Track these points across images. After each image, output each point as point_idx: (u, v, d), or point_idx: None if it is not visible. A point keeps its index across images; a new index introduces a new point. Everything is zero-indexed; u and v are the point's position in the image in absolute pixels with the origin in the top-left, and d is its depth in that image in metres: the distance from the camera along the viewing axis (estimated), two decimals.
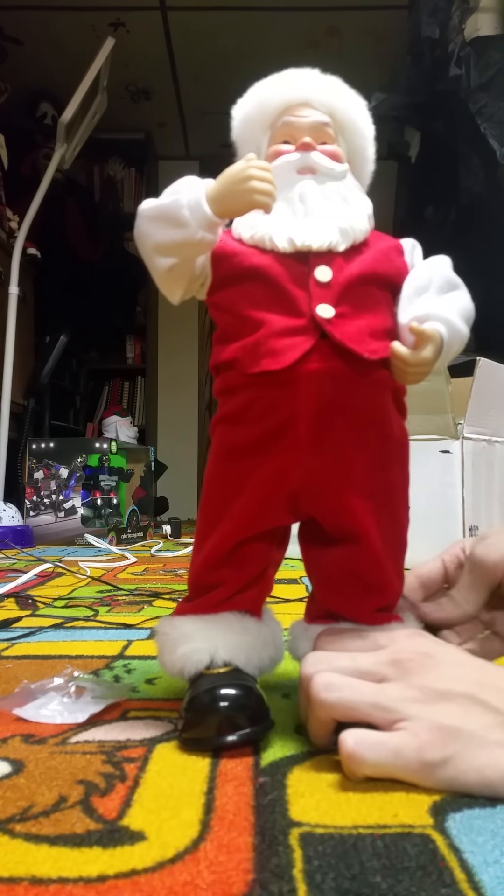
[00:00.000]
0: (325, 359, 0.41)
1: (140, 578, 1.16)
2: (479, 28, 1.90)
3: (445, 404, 1.24)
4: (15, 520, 1.86)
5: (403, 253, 0.47)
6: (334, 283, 0.42)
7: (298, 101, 0.48)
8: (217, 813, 0.31)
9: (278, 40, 2.66)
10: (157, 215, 0.43)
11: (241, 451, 0.44)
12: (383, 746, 0.33)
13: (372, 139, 0.49)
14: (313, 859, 0.27)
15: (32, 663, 0.58)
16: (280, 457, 0.43)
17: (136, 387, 3.43)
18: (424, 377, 0.43)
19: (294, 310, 0.42)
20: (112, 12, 2.55)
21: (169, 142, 3.44)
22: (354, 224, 0.44)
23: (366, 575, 0.45)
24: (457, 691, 0.34)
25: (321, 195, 0.44)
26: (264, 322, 0.42)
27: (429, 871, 0.26)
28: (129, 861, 0.27)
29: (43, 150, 2.59)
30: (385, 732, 0.34)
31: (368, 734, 0.34)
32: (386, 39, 2.52)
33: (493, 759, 0.32)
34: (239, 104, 0.49)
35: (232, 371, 0.44)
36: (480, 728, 0.33)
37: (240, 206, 0.42)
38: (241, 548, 0.45)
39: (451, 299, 0.45)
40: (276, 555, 0.48)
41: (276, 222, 0.43)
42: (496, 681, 0.35)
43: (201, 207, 0.41)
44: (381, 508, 0.44)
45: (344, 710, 0.35)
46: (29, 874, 0.26)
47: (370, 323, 0.43)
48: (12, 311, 2.05)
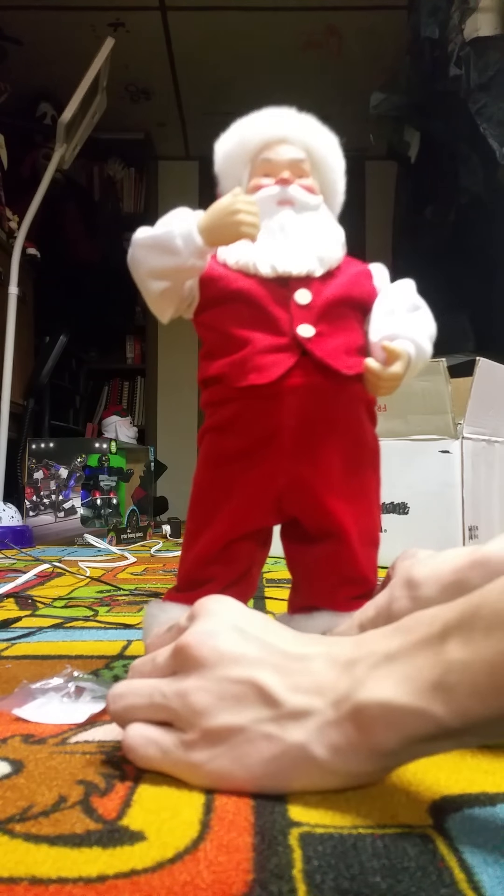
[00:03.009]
0: (306, 374, 0.46)
1: (140, 578, 1.16)
2: (478, 28, 1.90)
3: (445, 404, 1.24)
4: (14, 520, 1.86)
5: (373, 277, 0.52)
6: (313, 305, 0.47)
7: (277, 138, 0.52)
8: (217, 813, 0.31)
9: (278, 40, 2.66)
10: (152, 244, 0.47)
11: (229, 458, 0.48)
12: (154, 745, 0.34)
13: (342, 173, 0.54)
14: (313, 859, 0.27)
15: (32, 663, 0.58)
16: (266, 463, 0.48)
17: (135, 387, 3.43)
18: (394, 390, 0.48)
19: (277, 329, 0.47)
20: (112, 12, 2.55)
21: (169, 142, 3.43)
22: (330, 252, 0.49)
23: (343, 568, 0.49)
24: (231, 677, 0.33)
25: (300, 225, 0.49)
26: (250, 340, 0.47)
27: (428, 871, 0.26)
28: (128, 861, 0.27)
29: (43, 150, 2.59)
30: (161, 730, 0.35)
31: (144, 731, 0.35)
32: (386, 39, 2.52)
33: (257, 754, 0.32)
34: (221, 140, 0.54)
35: (220, 385, 0.48)
36: (251, 722, 0.32)
37: (228, 237, 0.46)
38: (230, 546, 0.50)
39: (417, 320, 0.50)
40: (261, 554, 0.52)
41: (259, 250, 0.48)
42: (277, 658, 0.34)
43: (193, 238, 0.45)
44: (357, 508, 0.49)
45: (131, 716, 0.36)
46: (29, 874, 0.26)
47: (346, 341, 0.48)
48: (12, 311, 2.05)
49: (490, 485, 1.32)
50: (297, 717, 0.32)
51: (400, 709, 0.30)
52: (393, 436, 1.33)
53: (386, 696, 0.30)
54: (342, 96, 2.86)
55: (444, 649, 0.29)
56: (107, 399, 3.40)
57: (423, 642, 0.30)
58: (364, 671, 0.31)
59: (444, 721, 0.29)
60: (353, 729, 0.31)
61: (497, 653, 0.28)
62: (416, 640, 0.31)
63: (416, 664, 0.30)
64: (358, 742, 0.31)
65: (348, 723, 0.31)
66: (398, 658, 0.31)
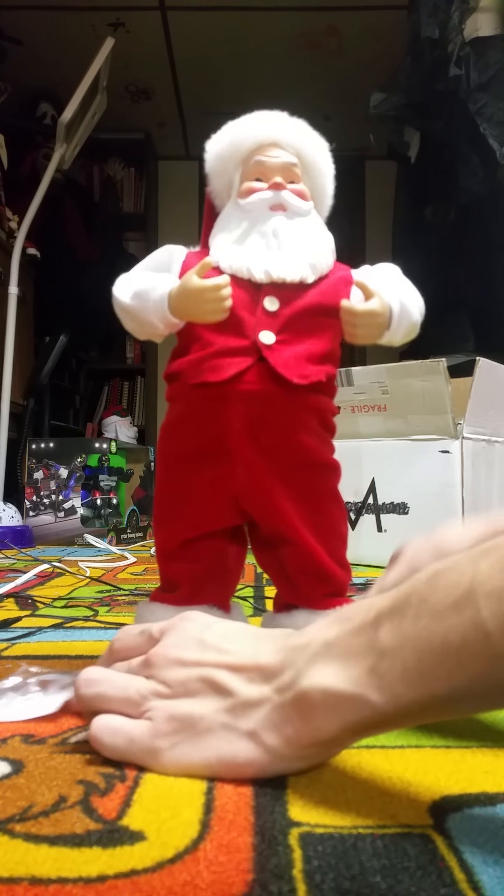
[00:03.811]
0: (260, 380, 0.47)
1: (140, 578, 1.16)
2: (478, 28, 1.90)
3: (445, 404, 1.24)
4: (14, 520, 1.86)
5: (351, 284, 0.52)
6: (280, 313, 0.48)
7: (269, 141, 0.52)
8: (217, 813, 0.31)
9: (278, 40, 2.66)
10: (128, 310, 0.50)
11: (182, 458, 0.50)
12: (120, 733, 0.36)
13: (332, 178, 0.55)
14: (313, 859, 0.27)
15: (32, 663, 0.58)
16: (217, 466, 0.49)
17: (135, 387, 3.43)
18: (374, 336, 0.49)
19: (240, 333, 0.48)
20: (112, 12, 2.55)
21: (169, 142, 3.43)
22: (322, 260, 0.50)
23: (308, 568, 0.50)
24: (192, 678, 0.36)
25: (292, 231, 0.50)
26: (213, 342, 0.48)
27: (429, 871, 0.26)
28: (128, 861, 0.27)
29: (43, 150, 2.59)
30: (128, 720, 0.37)
31: (112, 721, 0.37)
32: (386, 39, 2.52)
33: (214, 741, 0.34)
34: (213, 140, 0.54)
35: (177, 382, 0.50)
36: (210, 712, 0.34)
37: (197, 319, 0.48)
38: (192, 545, 0.51)
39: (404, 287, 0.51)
40: (233, 549, 0.53)
41: (253, 255, 0.49)
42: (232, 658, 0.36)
43: (165, 314, 0.48)
44: (310, 510, 0.50)
45: (100, 703, 0.38)
46: (29, 874, 0.26)
47: (310, 349, 0.48)
48: (12, 311, 2.05)
49: (490, 485, 1.32)
50: (249, 706, 0.34)
51: (338, 694, 0.31)
52: (393, 436, 1.33)
53: (325, 683, 0.31)
54: (342, 96, 2.86)
55: (377, 636, 0.31)
56: (107, 399, 3.40)
57: (358, 629, 0.32)
58: (305, 659, 0.33)
59: (379, 707, 0.30)
60: (296, 715, 0.32)
61: (422, 639, 0.29)
62: (353, 627, 0.32)
63: (352, 651, 0.31)
64: (301, 728, 0.32)
65: (291, 709, 0.32)
66: (336, 645, 0.32)
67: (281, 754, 0.33)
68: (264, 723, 0.33)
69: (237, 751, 0.34)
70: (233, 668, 0.36)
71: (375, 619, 0.31)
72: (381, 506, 1.33)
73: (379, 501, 1.33)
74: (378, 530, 1.33)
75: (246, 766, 0.34)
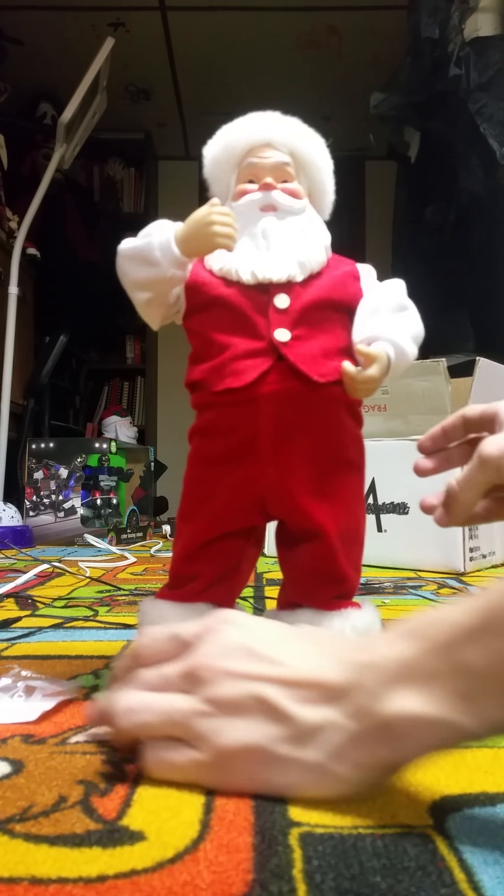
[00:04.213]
0: (282, 379, 0.47)
1: (140, 578, 1.16)
2: (478, 28, 1.90)
3: (445, 404, 1.24)
4: (14, 520, 1.86)
5: (359, 278, 0.52)
6: (291, 309, 0.48)
7: (261, 142, 0.52)
8: (217, 813, 0.31)
9: (278, 40, 2.66)
10: (133, 255, 0.49)
11: (212, 461, 0.50)
12: (171, 766, 0.34)
13: (330, 173, 0.54)
14: (313, 859, 0.27)
15: (32, 663, 0.58)
16: (246, 466, 0.49)
17: (135, 387, 3.43)
18: (373, 392, 0.49)
19: (255, 334, 0.47)
20: (112, 12, 2.55)
21: (169, 142, 3.43)
22: (311, 257, 0.49)
23: (324, 568, 0.50)
24: (244, 696, 0.33)
25: (282, 231, 0.50)
26: (229, 345, 0.48)
27: (429, 872, 0.26)
28: (128, 861, 0.27)
29: (43, 150, 2.59)
30: (177, 750, 0.34)
31: (161, 752, 0.34)
32: (386, 39, 2.52)
33: (274, 777, 0.32)
34: (208, 145, 0.54)
35: (202, 390, 0.50)
36: (266, 742, 0.32)
37: (205, 248, 0.47)
38: (213, 544, 0.51)
39: (400, 321, 0.50)
40: (251, 552, 0.54)
41: (241, 257, 0.49)
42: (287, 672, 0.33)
43: (171, 248, 0.47)
44: (337, 509, 0.50)
45: (144, 732, 0.35)
46: (29, 874, 0.26)
47: (324, 344, 0.48)
48: (12, 311, 2.05)
49: None
50: (311, 733, 0.31)
51: (427, 721, 0.29)
52: (393, 436, 1.33)
53: (412, 710, 0.29)
54: (342, 96, 2.86)
55: (462, 657, 0.29)
56: (107, 399, 3.40)
57: (439, 649, 0.30)
58: (379, 681, 0.31)
59: (471, 730, 0.29)
60: (374, 742, 0.30)
61: None
62: (431, 647, 0.30)
63: (434, 673, 0.30)
64: (385, 756, 0.30)
65: (369, 736, 0.30)
66: (415, 667, 0.30)
67: (352, 781, 0.31)
68: (333, 751, 0.31)
69: (303, 783, 0.32)
70: (287, 684, 0.33)
71: (457, 638, 0.29)
72: (381, 506, 1.33)
73: (379, 501, 1.33)
74: (378, 530, 1.33)
75: (315, 794, 0.32)
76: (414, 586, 1.07)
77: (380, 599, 0.95)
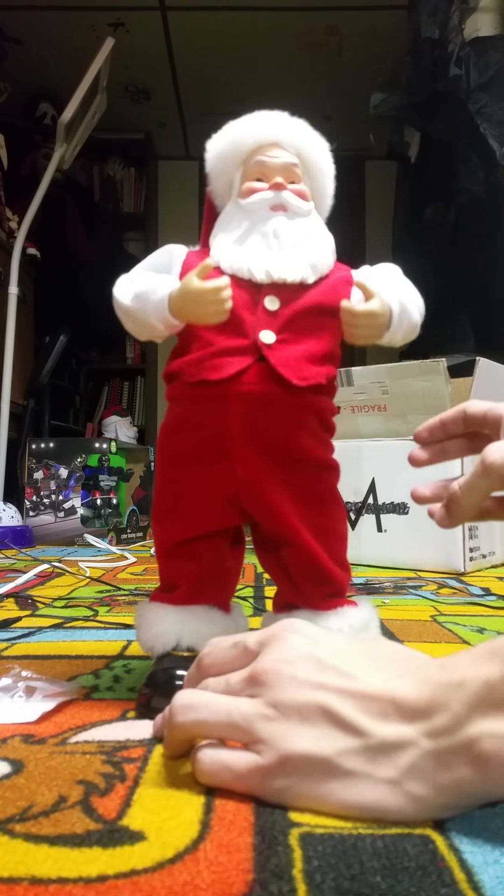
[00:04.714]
0: (259, 381, 0.47)
1: (140, 578, 1.16)
2: (478, 28, 1.90)
3: (445, 404, 1.24)
4: (14, 520, 1.86)
5: (352, 283, 0.51)
6: (281, 312, 0.48)
7: (270, 141, 0.52)
8: (217, 813, 0.31)
9: (278, 40, 2.66)
10: (131, 316, 0.49)
11: (181, 458, 0.50)
12: (228, 771, 0.33)
13: (332, 178, 0.54)
14: (313, 859, 0.27)
15: (32, 663, 0.58)
16: (216, 466, 0.48)
17: (135, 387, 3.43)
18: (374, 337, 0.48)
19: (241, 332, 0.47)
20: (112, 12, 2.55)
21: (169, 142, 3.43)
22: (322, 260, 0.50)
23: (309, 569, 0.50)
24: (311, 704, 0.32)
25: (292, 231, 0.50)
26: (212, 342, 0.48)
27: (429, 871, 0.26)
28: (128, 861, 0.27)
29: (43, 150, 2.59)
30: (234, 754, 0.33)
31: (217, 756, 0.33)
32: (386, 39, 2.52)
33: (343, 791, 0.31)
34: (213, 140, 0.54)
35: (176, 381, 0.49)
36: (335, 754, 0.31)
37: (197, 321, 0.48)
38: (191, 544, 0.51)
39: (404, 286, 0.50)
40: (233, 551, 0.53)
41: (253, 255, 0.49)
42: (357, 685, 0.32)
43: (167, 319, 0.47)
44: (310, 510, 0.49)
45: (200, 730, 0.34)
46: (29, 874, 0.26)
47: (310, 349, 0.48)
48: (12, 311, 2.05)
49: None
50: (387, 751, 0.30)
51: None
52: (393, 436, 1.33)
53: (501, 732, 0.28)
54: (342, 96, 2.86)
55: None
56: (107, 399, 3.40)
57: None
58: (465, 703, 0.29)
59: None
60: (461, 765, 0.29)
61: None
62: None
63: None
64: (467, 778, 0.29)
65: (455, 758, 0.29)
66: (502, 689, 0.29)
67: (430, 804, 0.30)
68: (411, 771, 0.30)
69: (374, 801, 0.30)
70: (357, 697, 0.32)
71: None
72: (381, 506, 1.33)
73: (379, 501, 1.33)
74: (378, 530, 1.33)
75: (380, 815, 0.30)
76: (414, 586, 1.07)
77: (380, 599, 0.95)
